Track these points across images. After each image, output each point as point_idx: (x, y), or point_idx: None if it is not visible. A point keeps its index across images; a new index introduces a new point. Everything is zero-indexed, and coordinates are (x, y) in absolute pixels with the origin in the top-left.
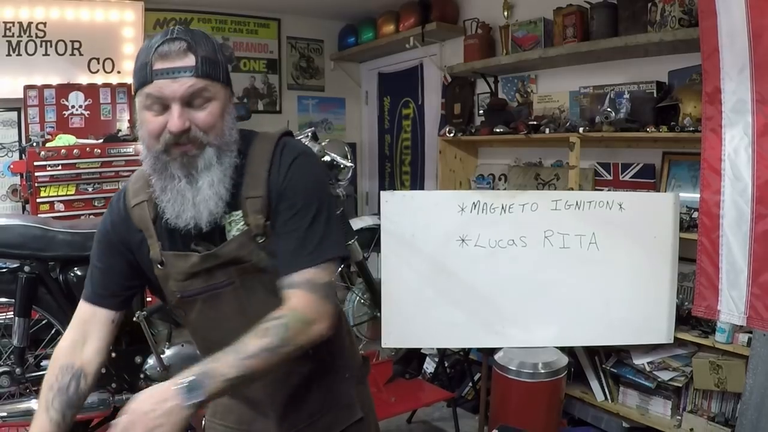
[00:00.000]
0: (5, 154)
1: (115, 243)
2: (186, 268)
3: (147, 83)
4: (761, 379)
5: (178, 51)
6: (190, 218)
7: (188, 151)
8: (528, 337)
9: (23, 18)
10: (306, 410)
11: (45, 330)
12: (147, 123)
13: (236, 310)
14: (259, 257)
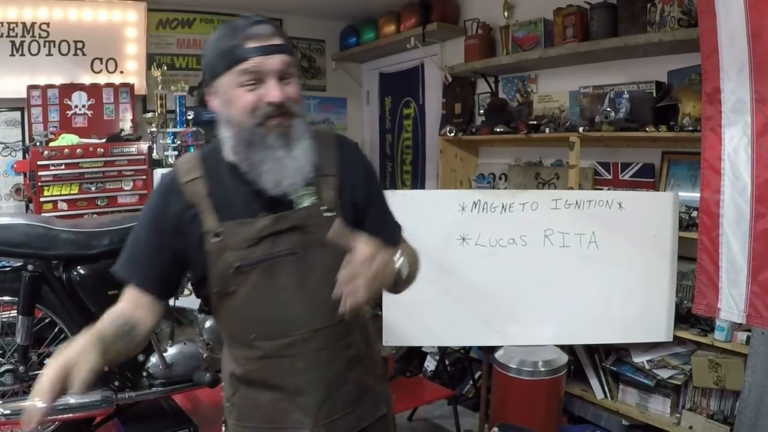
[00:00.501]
0: (9, 153)
1: (163, 223)
2: (253, 233)
3: (241, 61)
4: (760, 377)
5: (268, 33)
6: (289, 183)
7: (283, 122)
8: (528, 335)
9: (27, 18)
10: (341, 401)
11: (48, 328)
12: (240, 98)
13: (294, 281)
14: (323, 229)
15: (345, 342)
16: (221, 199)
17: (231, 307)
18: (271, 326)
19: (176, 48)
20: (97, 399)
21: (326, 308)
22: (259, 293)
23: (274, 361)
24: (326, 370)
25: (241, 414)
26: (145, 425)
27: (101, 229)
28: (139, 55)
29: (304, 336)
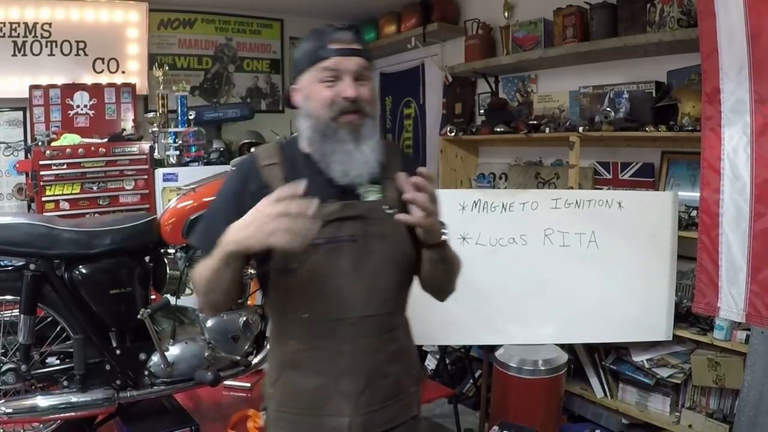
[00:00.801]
0: (11, 153)
1: (240, 201)
2: (322, 216)
3: (324, 58)
4: (759, 376)
5: (350, 38)
6: (355, 175)
7: (354, 120)
8: (528, 334)
9: (29, 18)
10: (381, 394)
11: (50, 327)
12: (319, 93)
13: (352, 266)
14: (384, 224)
15: (390, 335)
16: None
17: (290, 284)
18: (326, 306)
19: (178, 48)
20: (98, 398)
21: (379, 297)
22: (319, 273)
23: (322, 344)
24: (370, 359)
25: (283, 399)
26: (147, 424)
27: (103, 228)
28: (140, 55)
29: (354, 320)
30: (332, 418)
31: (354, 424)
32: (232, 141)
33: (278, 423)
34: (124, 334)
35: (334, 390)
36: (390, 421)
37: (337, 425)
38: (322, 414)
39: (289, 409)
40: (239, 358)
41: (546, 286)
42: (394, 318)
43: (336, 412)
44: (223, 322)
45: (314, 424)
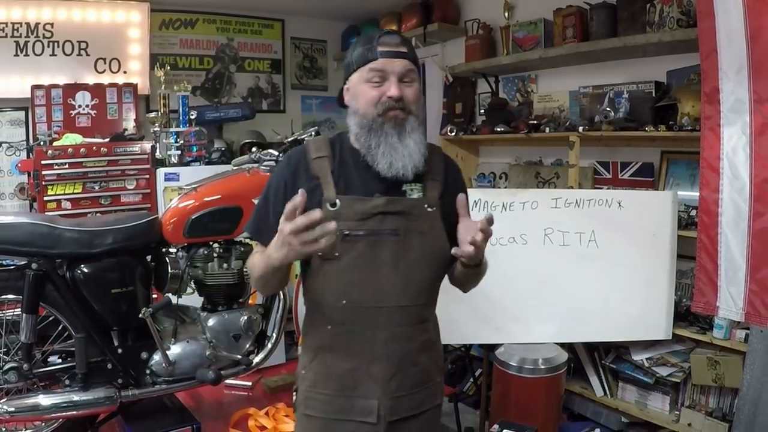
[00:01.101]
0: (13, 153)
1: (289, 190)
2: (366, 209)
3: (371, 60)
4: (758, 375)
5: (396, 42)
6: (400, 167)
7: (398, 115)
8: (528, 333)
9: (31, 19)
10: (410, 380)
11: (52, 326)
12: (366, 92)
13: (392, 257)
14: (424, 221)
15: (422, 326)
16: (342, 177)
17: (332, 271)
18: (365, 294)
19: (179, 48)
20: (100, 396)
21: (414, 289)
22: (360, 262)
23: (359, 329)
24: (402, 347)
25: (316, 381)
26: (148, 422)
27: (105, 227)
28: (142, 55)
29: (390, 309)
30: (362, 400)
31: (382, 406)
32: (234, 141)
33: (308, 403)
34: (125, 333)
35: (366, 373)
36: (416, 407)
37: (367, 407)
38: (353, 396)
39: (321, 390)
40: (240, 357)
41: (546, 285)
42: (426, 310)
43: (366, 395)
44: (224, 321)
45: (345, 405)
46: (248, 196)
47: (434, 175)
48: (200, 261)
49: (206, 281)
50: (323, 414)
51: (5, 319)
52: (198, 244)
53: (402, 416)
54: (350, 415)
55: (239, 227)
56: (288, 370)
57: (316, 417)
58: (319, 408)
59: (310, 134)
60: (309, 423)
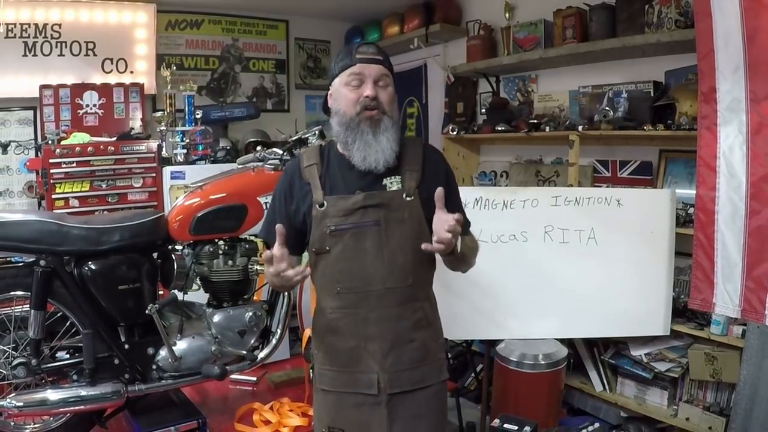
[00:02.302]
0: (22, 151)
1: (288, 198)
2: (348, 205)
3: (351, 65)
4: (754, 370)
5: (372, 50)
6: (372, 161)
7: (374, 115)
8: (529, 329)
9: (39, 19)
10: (407, 356)
11: (60, 322)
12: (346, 95)
13: (376, 246)
14: (403, 210)
15: (413, 305)
16: (329, 180)
17: (325, 263)
18: (354, 280)
19: (185, 48)
20: (107, 391)
21: (399, 272)
22: (347, 252)
23: (354, 311)
24: (394, 324)
25: (325, 359)
26: (155, 417)
27: (112, 225)
28: (148, 55)
29: (379, 292)
30: (364, 374)
31: (381, 380)
32: (239, 139)
33: (321, 379)
34: (132, 329)
35: (364, 350)
36: (418, 382)
37: (368, 381)
38: (357, 371)
39: (330, 367)
40: (245, 353)
41: (546, 281)
42: (416, 290)
43: (366, 370)
44: (229, 317)
45: (350, 379)
46: (253, 194)
47: (411, 166)
48: (206, 258)
49: (212, 278)
50: (334, 388)
51: (14, 315)
52: (203, 241)
53: (404, 389)
54: (355, 387)
55: (244, 225)
56: (292, 365)
57: (329, 390)
58: (330, 383)
59: (313, 133)
60: (324, 396)
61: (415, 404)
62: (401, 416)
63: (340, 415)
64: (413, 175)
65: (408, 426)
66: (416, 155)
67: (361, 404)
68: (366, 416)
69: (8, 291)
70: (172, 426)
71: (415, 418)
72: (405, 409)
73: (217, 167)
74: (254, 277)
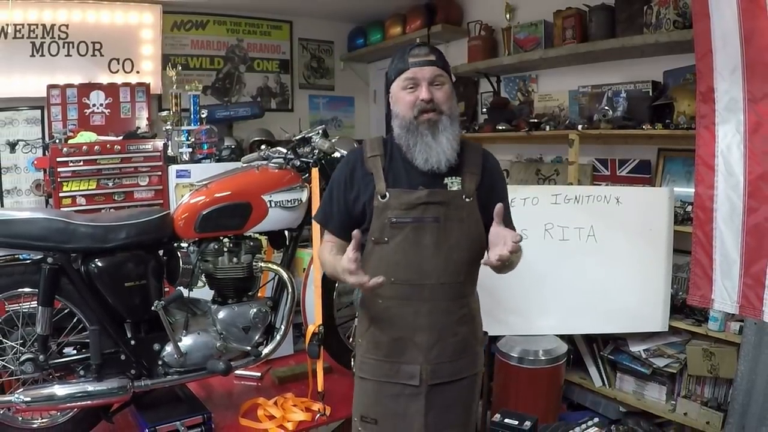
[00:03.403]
0: (29, 150)
1: (348, 185)
2: (411, 200)
3: (405, 70)
4: (751, 366)
5: (425, 52)
6: (435, 162)
7: (431, 117)
8: (529, 325)
9: (46, 20)
10: (450, 349)
11: (67, 319)
12: (403, 98)
13: (434, 241)
14: (462, 210)
15: (461, 301)
16: (392, 173)
17: (382, 253)
18: (411, 272)
19: (190, 49)
20: (114, 386)
21: (453, 268)
22: (406, 245)
23: (405, 302)
24: (442, 318)
25: (368, 348)
26: (161, 412)
27: (118, 223)
28: (154, 55)
29: (433, 285)
30: (407, 365)
31: (424, 371)
32: (243, 138)
33: (363, 367)
34: (138, 325)
35: (411, 342)
36: (456, 374)
37: (411, 371)
38: (400, 361)
39: (373, 356)
40: (250, 349)
41: (546, 278)
42: (465, 287)
43: (410, 361)
44: (234, 313)
45: (392, 369)
46: (257, 193)
47: (472, 169)
48: (211, 255)
49: (217, 275)
50: (374, 377)
51: (22, 311)
52: (209, 238)
53: (443, 381)
54: (397, 378)
55: (248, 222)
56: (296, 360)
57: (369, 379)
58: (371, 371)
59: (317, 132)
60: (363, 384)
61: (450, 394)
62: (436, 406)
63: (377, 404)
64: (473, 178)
65: (441, 415)
66: (476, 159)
67: (399, 394)
68: (402, 406)
69: (16, 288)
70: (177, 421)
71: (449, 408)
72: (441, 399)
73: (222, 166)
74: (258, 274)
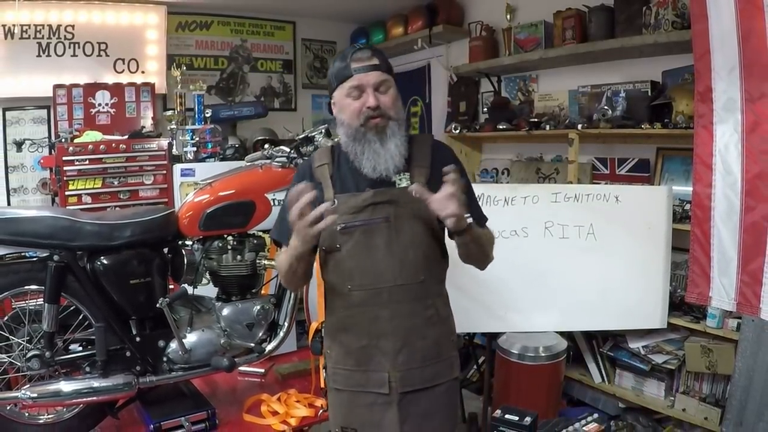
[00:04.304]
0: (36, 149)
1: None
2: (358, 203)
3: (348, 77)
4: (749, 362)
5: (368, 56)
6: (383, 169)
7: (379, 123)
8: (529, 322)
9: (53, 21)
10: (419, 354)
11: (73, 316)
12: (349, 106)
13: (386, 242)
14: (412, 206)
15: (425, 302)
16: (340, 179)
17: (336, 261)
18: (365, 277)
19: (195, 49)
20: (119, 383)
21: (410, 267)
22: (357, 249)
23: (365, 309)
24: (406, 321)
25: (337, 358)
26: (166, 407)
27: (123, 221)
28: (159, 55)
29: (390, 288)
30: (375, 373)
31: (393, 378)
32: (247, 138)
33: (335, 378)
34: (143, 322)
35: (376, 349)
36: (430, 380)
37: (379, 379)
38: (368, 370)
39: (342, 366)
40: (253, 345)
41: (546, 276)
42: (428, 287)
43: (378, 368)
44: (238, 310)
45: (362, 378)
46: (261, 191)
47: (420, 162)
48: (215, 253)
49: (221, 272)
50: (347, 387)
51: (28, 308)
52: (213, 236)
53: (415, 388)
54: (367, 386)
55: (252, 221)
56: (299, 357)
57: (342, 390)
58: (343, 382)
59: (320, 131)
60: (337, 395)
61: (426, 403)
62: (412, 415)
63: (352, 414)
64: (422, 171)
65: (419, 425)
66: (425, 152)
67: (373, 403)
68: (378, 416)
69: (23, 285)
70: (182, 416)
71: (426, 417)
72: (416, 407)
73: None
74: (262, 272)
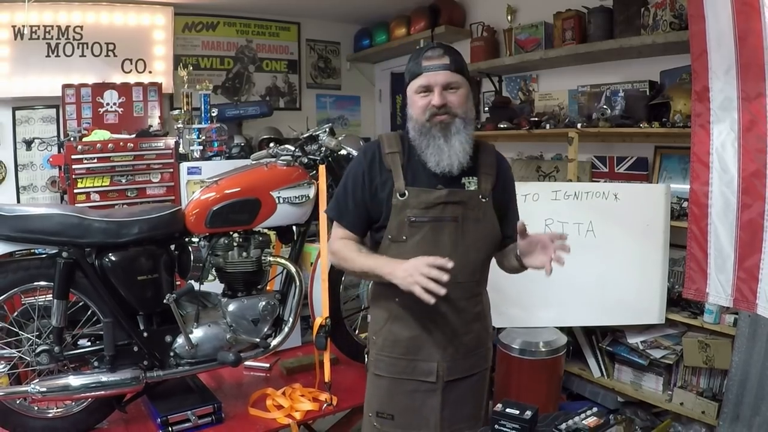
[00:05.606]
0: (45, 148)
1: (365, 180)
2: (430, 199)
3: (418, 75)
4: (745, 357)
5: (439, 54)
6: (446, 165)
7: (444, 120)
8: (530, 317)
9: (61, 22)
10: (464, 346)
11: (81, 311)
12: (416, 102)
13: (452, 240)
14: (478, 210)
15: (476, 299)
16: (410, 170)
17: (399, 252)
18: None
19: (201, 49)
20: (127, 377)
21: (470, 267)
22: (424, 244)
23: (421, 301)
24: (459, 317)
25: (384, 345)
26: (172, 402)
27: (131, 218)
28: (166, 56)
29: (450, 285)
30: (424, 362)
31: (441, 368)
32: (252, 136)
33: (378, 365)
34: (151, 317)
35: (428, 340)
36: (470, 369)
37: (428, 369)
38: (416, 359)
39: (388, 354)
40: (259, 340)
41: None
42: (479, 285)
43: (427, 358)
44: (243, 306)
45: (408, 366)
46: (266, 189)
47: (487, 170)
48: (221, 250)
49: (227, 269)
50: (390, 374)
51: (38, 304)
52: (219, 233)
53: (457, 377)
54: (413, 374)
55: (258, 218)
56: (304, 352)
57: (384, 376)
58: (386, 369)
59: (324, 130)
60: (378, 381)
61: (462, 390)
62: (450, 401)
63: (392, 401)
64: (489, 179)
65: (455, 410)
66: (491, 160)
67: (416, 390)
68: (419, 402)
69: (32, 281)
70: (188, 410)
71: (462, 403)
72: (454, 394)
73: (232, 163)
74: (267, 268)
